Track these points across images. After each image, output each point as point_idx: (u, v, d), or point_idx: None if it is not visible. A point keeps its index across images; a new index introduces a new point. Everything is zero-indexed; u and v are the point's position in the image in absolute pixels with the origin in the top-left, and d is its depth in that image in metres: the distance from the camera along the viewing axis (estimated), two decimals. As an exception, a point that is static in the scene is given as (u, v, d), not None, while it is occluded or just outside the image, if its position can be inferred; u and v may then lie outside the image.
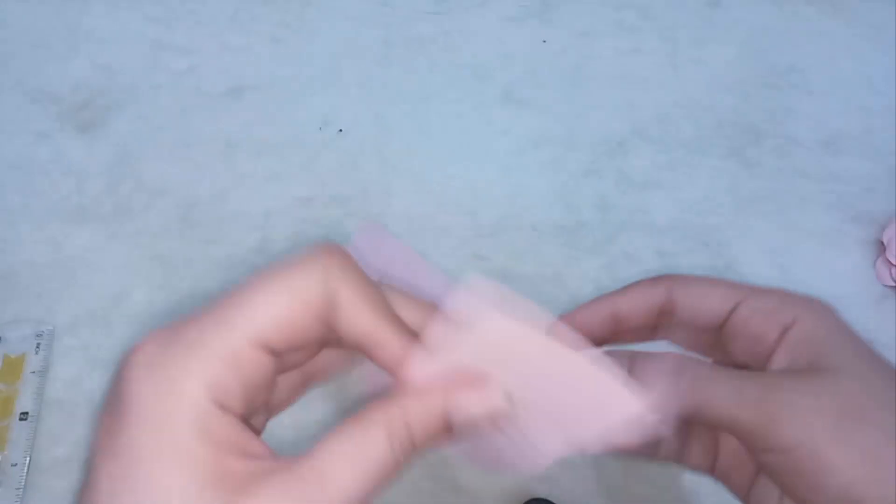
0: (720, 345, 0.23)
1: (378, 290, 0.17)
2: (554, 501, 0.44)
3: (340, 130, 0.60)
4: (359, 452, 0.15)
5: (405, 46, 0.65)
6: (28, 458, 0.46)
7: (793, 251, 0.55)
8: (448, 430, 0.17)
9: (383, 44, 0.65)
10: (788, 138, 0.60)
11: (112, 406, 0.15)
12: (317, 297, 0.16)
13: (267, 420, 0.18)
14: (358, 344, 0.16)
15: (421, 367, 0.16)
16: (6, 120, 0.59)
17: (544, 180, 0.57)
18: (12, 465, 0.45)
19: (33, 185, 0.56)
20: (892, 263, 0.53)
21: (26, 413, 0.47)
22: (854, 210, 0.57)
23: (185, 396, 0.14)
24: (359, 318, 0.16)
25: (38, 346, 0.49)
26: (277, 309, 0.15)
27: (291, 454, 0.16)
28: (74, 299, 0.51)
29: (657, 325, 0.24)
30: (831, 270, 0.54)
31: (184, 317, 0.15)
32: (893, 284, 0.53)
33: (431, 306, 0.17)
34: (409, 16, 0.66)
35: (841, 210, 0.57)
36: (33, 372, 0.48)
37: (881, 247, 0.54)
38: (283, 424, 0.19)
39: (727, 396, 0.19)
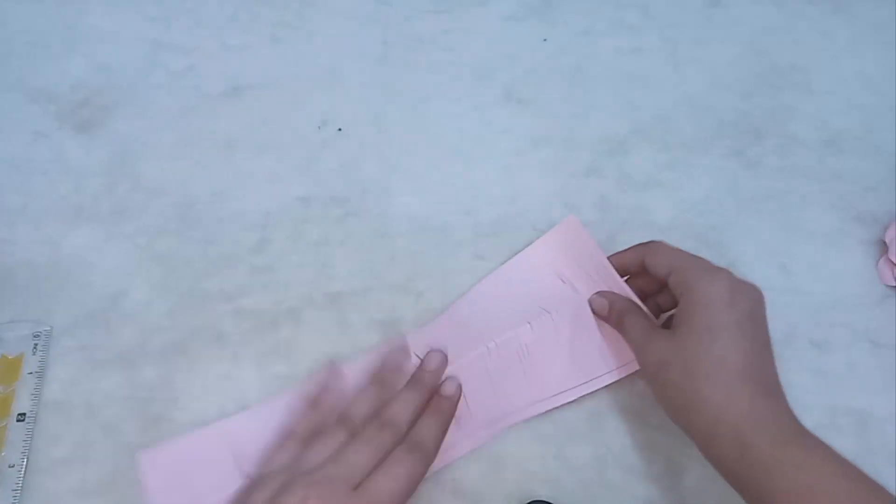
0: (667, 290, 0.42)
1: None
2: None
3: (340, 130, 0.60)
4: None
5: (405, 45, 0.64)
6: (25, 460, 0.45)
7: (794, 251, 0.55)
8: None
9: (383, 43, 0.65)
10: (790, 138, 0.60)
11: None
12: None
13: None
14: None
15: None
16: (4, 119, 0.59)
17: (544, 180, 0.57)
18: (9, 467, 0.45)
19: (31, 184, 0.56)
20: (894, 263, 0.52)
21: (23, 414, 0.47)
22: (856, 210, 0.56)
23: None
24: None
25: (35, 346, 0.49)
26: None
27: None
28: (72, 300, 0.51)
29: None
30: (833, 271, 0.54)
31: None
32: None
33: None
34: (408, 15, 0.66)
35: (843, 210, 0.56)
36: (31, 373, 0.48)
37: (883, 247, 0.54)
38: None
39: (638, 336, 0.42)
